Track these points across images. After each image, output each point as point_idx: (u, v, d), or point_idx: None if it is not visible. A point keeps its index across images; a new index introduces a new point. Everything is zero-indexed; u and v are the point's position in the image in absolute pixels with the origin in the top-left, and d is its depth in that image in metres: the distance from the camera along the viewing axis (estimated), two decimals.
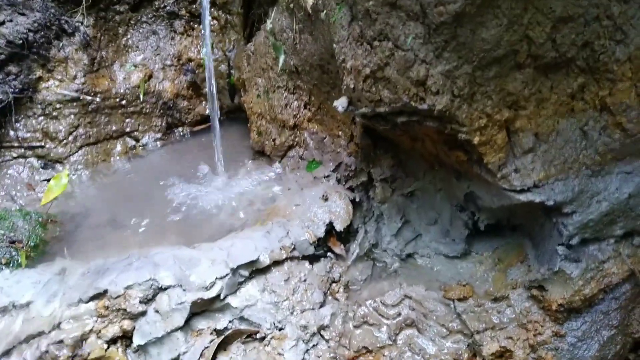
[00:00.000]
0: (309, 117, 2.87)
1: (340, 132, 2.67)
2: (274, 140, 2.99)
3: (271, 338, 2.08)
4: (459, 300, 2.14)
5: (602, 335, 1.96)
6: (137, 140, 3.83)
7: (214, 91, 3.30)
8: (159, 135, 3.88)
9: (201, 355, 2.04)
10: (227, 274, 2.13)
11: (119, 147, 3.75)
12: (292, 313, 2.13)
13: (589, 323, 1.98)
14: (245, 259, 2.18)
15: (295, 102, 2.90)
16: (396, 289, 2.24)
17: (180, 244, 2.35)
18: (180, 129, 4.04)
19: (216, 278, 2.12)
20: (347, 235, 2.52)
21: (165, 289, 2.10)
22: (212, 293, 2.10)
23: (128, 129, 3.79)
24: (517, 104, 1.88)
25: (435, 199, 2.45)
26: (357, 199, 2.54)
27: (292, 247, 2.30)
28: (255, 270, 2.23)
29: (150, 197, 3.10)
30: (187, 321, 2.11)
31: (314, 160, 2.81)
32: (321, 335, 2.10)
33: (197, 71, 3.92)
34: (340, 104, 2.07)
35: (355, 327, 2.16)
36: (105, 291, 2.06)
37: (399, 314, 2.16)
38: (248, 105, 3.26)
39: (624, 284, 2.00)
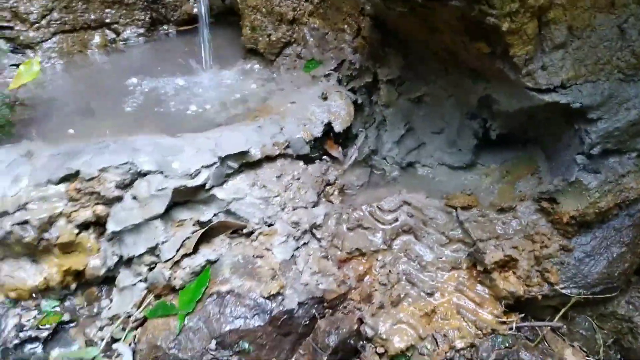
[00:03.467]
0: (310, 10, 2.60)
1: (345, 26, 2.42)
2: (269, 36, 2.72)
3: (259, 234, 1.92)
4: (462, 208, 1.99)
5: (612, 252, 1.85)
6: (118, 34, 3.50)
7: None
8: (141, 30, 3.54)
9: (182, 245, 1.87)
10: (214, 163, 1.94)
11: (97, 39, 3.43)
12: (283, 209, 1.97)
13: (599, 239, 1.87)
14: (234, 149, 1.98)
15: None
16: (394, 194, 2.09)
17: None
18: (165, 26, 3.70)
19: (202, 166, 1.92)
20: (345, 140, 2.34)
21: (145, 174, 1.90)
22: (197, 182, 1.91)
23: (108, 20, 3.45)
24: None
25: (445, 106, 2.26)
26: (359, 102, 2.34)
27: (286, 144, 2.11)
28: (245, 163, 2.04)
29: (130, 90, 2.83)
30: (168, 211, 1.93)
31: (313, 59, 2.57)
32: (313, 234, 1.95)
33: None
34: None
35: (349, 229, 2.02)
36: (77, 172, 1.85)
37: (396, 220, 2.02)
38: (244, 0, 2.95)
39: None
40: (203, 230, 1.89)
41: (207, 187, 1.94)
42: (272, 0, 2.72)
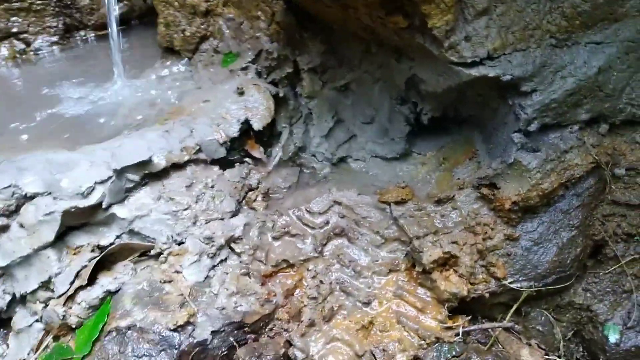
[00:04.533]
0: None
1: (259, 13, 2.19)
2: (183, 31, 2.47)
3: (168, 254, 1.68)
4: (396, 203, 1.79)
5: (562, 237, 1.67)
6: (28, 44, 3.19)
7: None
8: (54, 38, 3.24)
9: (77, 276, 1.62)
10: (109, 177, 1.68)
11: (4, 51, 3.13)
12: (194, 223, 1.73)
13: (546, 224, 1.68)
14: (133, 159, 1.73)
15: None
16: (324, 195, 1.87)
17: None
18: (82, 32, 3.41)
19: (95, 182, 1.67)
20: (269, 138, 2.11)
21: (32, 197, 1.64)
22: (90, 201, 1.66)
23: (15, 30, 3.14)
24: None
25: (373, 92, 2.06)
26: (281, 95, 2.11)
27: (197, 147, 1.87)
28: (149, 174, 1.79)
29: (35, 103, 2.55)
30: (62, 236, 1.68)
31: (231, 52, 2.33)
32: (231, 249, 1.71)
33: None
34: None
35: (275, 238, 1.79)
36: None
37: (327, 222, 1.80)
38: None
39: (588, 178, 1.70)
40: (98, 257, 1.64)
41: (104, 205, 1.69)
42: None
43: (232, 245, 1.72)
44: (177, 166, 1.83)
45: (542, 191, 1.64)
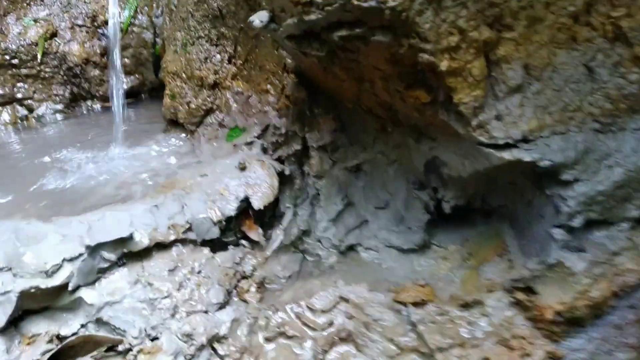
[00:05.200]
0: (233, 72, 2.25)
1: (269, 86, 2.06)
2: (188, 103, 2.35)
3: (138, 351, 1.39)
4: (415, 305, 1.52)
5: (617, 359, 1.37)
6: (31, 110, 3.11)
7: (117, 53, 2.71)
8: (59, 106, 3.17)
9: None
10: (80, 255, 1.45)
11: (6, 116, 3.04)
12: (173, 315, 1.46)
13: (597, 341, 1.39)
14: (111, 235, 1.51)
15: (218, 55, 2.29)
16: (329, 288, 1.60)
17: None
18: (89, 102, 3.34)
19: (63, 259, 1.44)
20: (271, 219, 1.88)
21: None
22: (55, 281, 1.42)
23: (19, 95, 3.08)
24: (501, 21, 1.33)
25: (388, 175, 1.85)
26: (287, 173, 1.91)
27: (187, 226, 1.64)
28: (128, 254, 1.55)
29: (28, 169, 2.39)
30: (16, 322, 1.42)
31: (237, 127, 2.18)
32: (214, 350, 1.43)
33: None
34: (258, 17, 1.47)
35: (268, 340, 1.50)
36: None
37: (331, 324, 1.52)
38: (164, 66, 2.62)
39: None
40: (55, 350, 1.36)
41: (70, 287, 1.44)
42: (192, 64, 2.38)
43: (215, 345, 1.44)
44: (161, 246, 1.60)
45: (591, 301, 1.37)
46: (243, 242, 1.76)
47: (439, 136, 1.57)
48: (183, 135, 2.44)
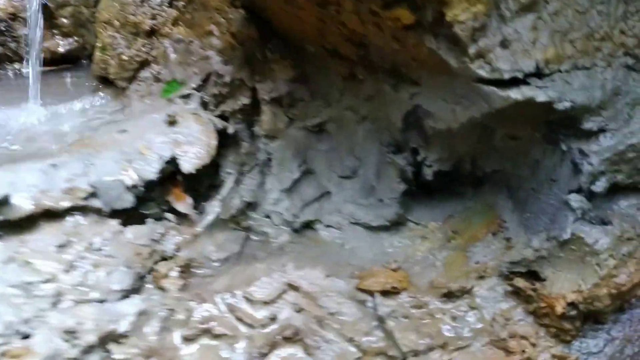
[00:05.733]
0: (174, 17, 1.85)
1: (212, 26, 1.67)
2: (119, 55, 1.93)
3: (1, 354, 0.99)
4: (384, 294, 1.16)
5: None
6: None
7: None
8: None
9: None
10: None
11: None
12: (54, 305, 1.06)
13: (619, 342, 1.06)
14: None
15: None
16: (275, 273, 1.23)
17: None
18: (17, 65, 2.86)
19: None
20: (209, 190, 1.50)
21: None
22: None
23: None
24: None
25: (357, 136, 1.49)
26: (231, 131, 1.54)
27: (90, 191, 1.25)
28: (4, 223, 1.15)
29: None
30: None
31: (174, 80, 1.78)
32: (107, 352, 1.03)
33: None
34: None
35: (187, 339, 1.12)
36: None
37: (274, 319, 1.15)
38: (97, 16, 2.19)
39: None
40: None
41: None
42: (126, 9, 1.97)
43: (111, 346, 1.04)
44: (52, 215, 1.20)
45: (616, 288, 1.03)
46: (168, 215, 1.37)
47: (423, 78, 1.22)
48: (111, 93, 2.02)
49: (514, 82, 1.02)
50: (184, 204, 1.38)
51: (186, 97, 1.63)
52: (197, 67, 1.69)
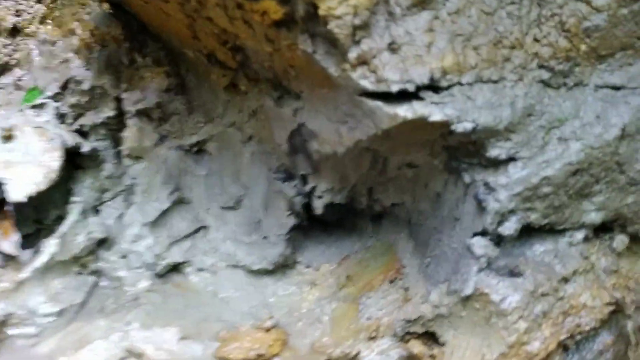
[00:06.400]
0: (42, 14, 1.55)
1: (75, 23, 1.39)
2: None
3: None
4: None
5: None
6: None
7: None
8: None
9: None
10: None
11: None
12: None
13: None
14: None
15: None
16: (115, 334, 0.95)
17: None
18: None
19: None
20: (57, 221, 1.20)
21: None
22: None
23: None
24: None
25: (242, 158, 1.25)
26: (86, 150, 1.25)
27: None
28: None
29: None
30: None
31: (36, 87, 1.48)
32: None
33: None
34: None
35: None
36: None
37: None
38: None
39: (600, 332, 0.91)
40: None
41: None
42: None
43: None
44: None
45: (528, 357, 0.81)
46: None
47: (305, 90, 0.99)
48: None
49: (403, 97, 0.81)
50: (9, 241, 1.08)
51: (39, 107, 1.34)
52: (58, 72, 1.40)
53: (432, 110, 0.79)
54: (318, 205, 1.09)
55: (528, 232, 0.89)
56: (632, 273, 0.99)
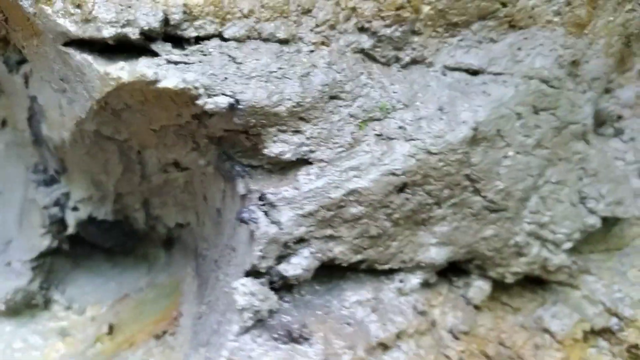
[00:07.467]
0: None
1: None
2: None
3: None
4: None
5: None
6: None
7: None
8: None
9: None
10: None
11: None
12: None
13: None
14: None
15: None
16: None
17: None
18: None
19: None
20: None
21: None
22: None
23: None
24: None
25: None
26: None
27: None
28: None
29: None
30: None
31: None
32: None
33: None
34: None
35: None
36: None
37: None
38: None
39: None
40: None
41: None
42: None
43: None
44: None
45: None
46: None
47: (24, 43, 0.65)
48: None
49: (129, 50, 0.50)
50: None
51: None
52: None
53: (164, 72, 0.49)
54: (71, 221, 0.76)
55: (340, 272, 0.60)
56: (495, 333, 0.72)
